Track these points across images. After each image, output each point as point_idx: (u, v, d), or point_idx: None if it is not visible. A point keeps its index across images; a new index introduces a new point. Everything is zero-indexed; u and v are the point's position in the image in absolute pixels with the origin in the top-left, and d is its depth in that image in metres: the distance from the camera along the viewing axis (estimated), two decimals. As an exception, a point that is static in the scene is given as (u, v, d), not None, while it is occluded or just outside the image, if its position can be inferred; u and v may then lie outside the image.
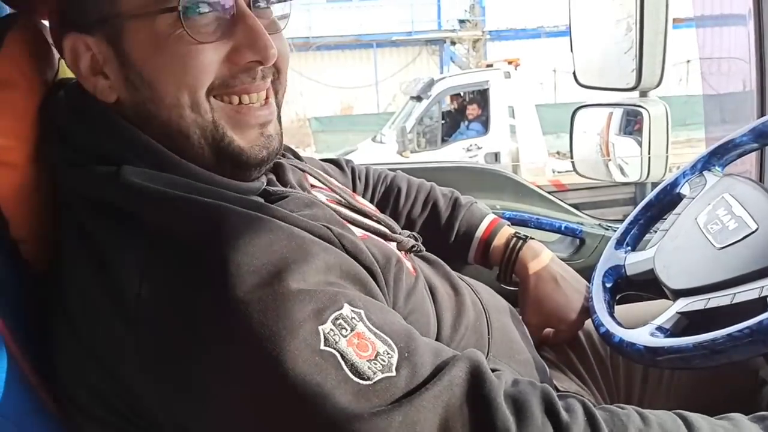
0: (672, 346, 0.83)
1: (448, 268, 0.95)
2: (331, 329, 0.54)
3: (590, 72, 1.69)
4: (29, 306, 0.67)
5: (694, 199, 1.04)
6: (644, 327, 0.90)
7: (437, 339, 0.79)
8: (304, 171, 0.84)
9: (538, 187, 1.48)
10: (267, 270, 0.55)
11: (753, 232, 0.88)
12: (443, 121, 8.97)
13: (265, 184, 0.74)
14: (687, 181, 1.08)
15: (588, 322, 1.03)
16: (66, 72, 0.77)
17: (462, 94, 8.97)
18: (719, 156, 1.07)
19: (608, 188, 6.27)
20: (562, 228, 1.38)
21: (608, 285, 1.04)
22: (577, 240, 1.39)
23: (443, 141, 8.63)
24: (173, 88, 0.65)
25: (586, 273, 1.09)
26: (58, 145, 0.67)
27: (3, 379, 0.60)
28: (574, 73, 1.67)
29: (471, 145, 8.31)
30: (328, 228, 0.67)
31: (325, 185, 0.86)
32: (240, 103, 0.69)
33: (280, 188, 0.75)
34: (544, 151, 8.35)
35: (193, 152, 0.67)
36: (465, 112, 8.88)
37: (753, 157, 1.35)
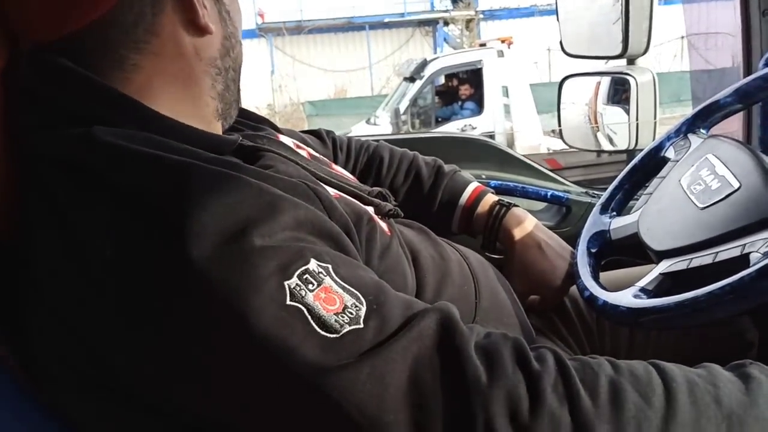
0: (654, 306, 0.83)
1: (433, 234, 0.94)
2: (297, 284, 0.53)
3: (578, 42, 1.68)
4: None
5: (678, 161, 1.03)
6: (628, 289, 0.90)
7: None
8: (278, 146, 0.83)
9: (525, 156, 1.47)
10: (232, 228, 0.54)
11: (735, 191, 0.87)
12: (437, 102, 8.95)
13: (240, 138, 0.73)
14: (671, 144, 1.08)
15: (573, 288, 1.03)
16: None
17: (456, 74, 8.94)
18: (703, 118, 1.07)
19: (603, 166, 6.26)
20: (548, 196, 1.37)
21: (593, 250, 1.04)
22: (564, 208, 1.38)
23: (437, 121, 8.61)
24: (239, 27, 0.77)
25: (573, 241, 1.09)
26: (27, 110, 0.65)
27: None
28: (561, 43, 1.66)
29: (465, 125, 8.30)
30: (303, 183, 0.66)
31: (295, 159, 0.85)
32: None
33: (256, 144, 0.75)
34: (539, 130, 8.33)
35: (231, 90, 0.77)
36: (459, 92, 8.86)
37: (740, 118, 1.35)
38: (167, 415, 0.58)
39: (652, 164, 1.09)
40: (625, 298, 0.88)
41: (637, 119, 1.54)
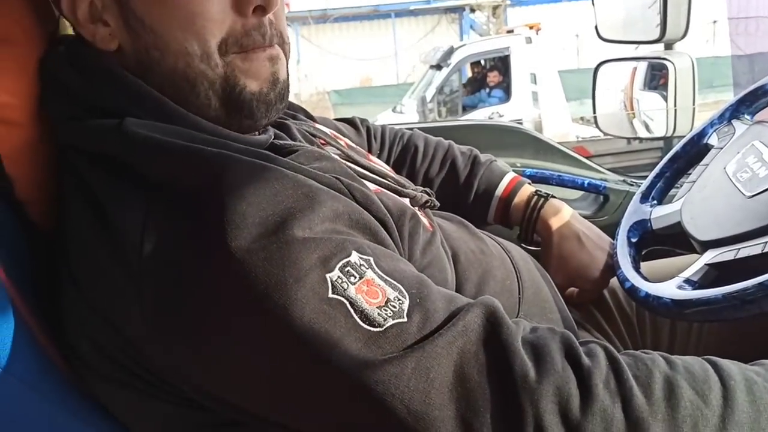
0: (701, 298, 0.80)
1: (473, 227, 0.92)
2: (339, 277, 0.52)
3: (613, 27, 1.65)
4: (37, 268, 0.66)
5: (722, 149, 1.00)
6: (671, 280, 0.87)
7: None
8: (315, 135, 0.82)
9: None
10: (272, 220, 0.53)
11: (785, 179, 0.84)
12: (464, 90, 8.88)
13: (273, 138, 0.72)
14: (715, 130, 1.05)
15: (613, 279, 1.00)
16: (67, 28, 0.75)
17: (482, 61, 8.87)
18: (748, 104, 1.03)
19: (634, 153, 6.18)
20: (585, 184, 1.34)
21: (633, 240, 1.01)
22: (601, 197, 1.35)
23: (464, 109, 8.55)
24: (179, 35, 0.63)
25: (611, 230, 1.06)
26: (59, 100, 0.65)
27: (13, 341, 0.59)
28: (596, 28, 1.63)
29: (493, 113, 8.22)
30: (337, 179, 0.65)
31: (336, 145, 0.84)
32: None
33: (288, 142, 0.73)
34: (568, 117, 8.23)
35: (198, 102, 0.65)
36: (486, 79, 8.78)
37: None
38: (205, 409, 0.58)
39: (694, 151, 1.06)
40: (669, 290, 0.86)
41: (675, 105, 1.50)
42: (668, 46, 1.56)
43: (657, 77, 1.65)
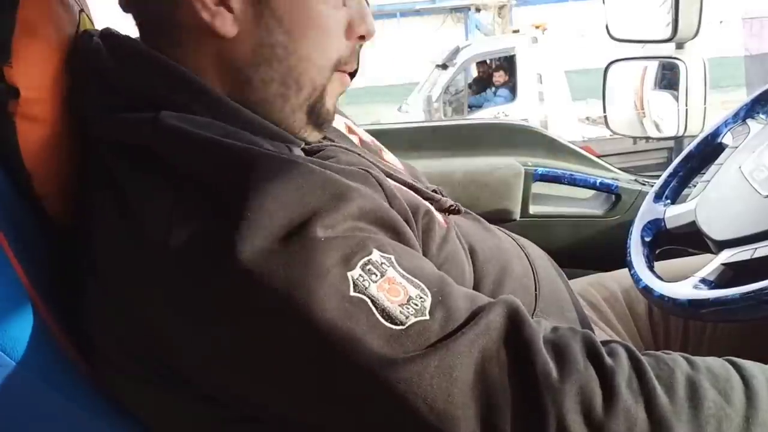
0: (717, 298, 0.80)
1: (489, 225, 0.92)
2: (360, 275, 0.52)
3: (624, 26, 1.64)
4: (53, 261, 0.66)
5: (737, 148, 1.00)
6: (687, 280, 0.87)
7: (479, 292, 0.77)
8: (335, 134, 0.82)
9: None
10: (296, 219, 0.53)
11: (802, 178, 0.84)
12: (470, 89, 8.87)
13: None
14: (729, 130, 1.04)
15: (627, 278, 1.00)
16: (86, 24, 0.75)
17: (488, 61, 8.85)
18: (763, 103, 1.03)
19: (640, 153, 6.16)
20: (597, 184, 1.34)
21: (647, 239, 1.01)
22: (613, 196, 1.35)
23: (470, 109, 8.54)
24: (311, 43, 0.66)
25: (623, 229, 1.05)
26: (95, 92, 0.65)
27: (29, 334, 0.59)
28: (606, 27, 1.62)
29: (498, 113, 8.21)
30: (367, 171, 0.65)
31: (348, 145, 0.83)
32: None
33: (318, 143, 0.74)
34: (574, 117, 8.22)
35: (288, 107, 0.68)
36: (491, 79, 8.77)
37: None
38: (225, 405, 0.58)
39: (708, 150, 1.05)
40: (685, 289, 0.85)
41: (686, 105, 1.50)
42: (679, 46, 1.55)
43: (668, 77, 1.64)
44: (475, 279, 0.79)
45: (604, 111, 1.61)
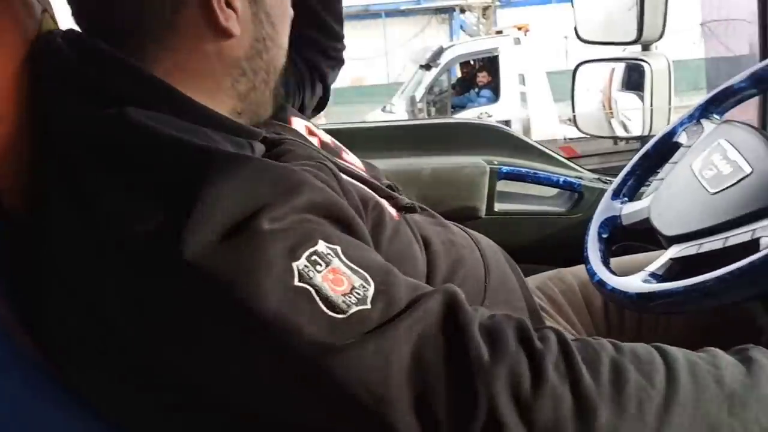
0: (663, 291, 0.83)
1: (441, 218, 0.95)
2: (306, 265, 0.54)
3: (593, 28, 1.67)
4: (10, 255, 0.67)
5: (690, 147, 1.03)
6: (637, 274, 0.90)
7: (429, 283, 0.79)
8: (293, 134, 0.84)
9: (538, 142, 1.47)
10: (244, 213, 0.55)
11: (747, 176, 0.86)
12: (453, 90, 8.91)
13: (265, 132, 0.75)
14: (684, 129, 1.07)
15: (583, 273, 1.03)
16: (49, 25, 0.76)
17: (472, 61, 8.90)
18: (717, 103, 1.06)
19: (621, 153, 6.21)
20: (560, 182, 1.37)
21: (604, 236, 1.04)
22: (576, 194, 1.38)
23: (453, 109, 8.58)
24: (284, 30, 0.77)
25: (585, 226, 1.08)
26: (58, 91, 0.66)
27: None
28: (575, 29, 1.65)
29: (481, 113, 8.26)
30: (323, 164, 0.68)
31: (307, 143, 0.86)
32: None
33: (277, 136, 0.77)
34: (555, 118, 8.28)
35: (266, 90, 0.76)
36: (475, 79, 8.82)
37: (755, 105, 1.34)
38: (178, 392, 0.59)
39: (664, 150, 1.08)
40: (635, 283, 0.88)
41: (651, 105, 1.53)
42: (645, 48, 1.59)
43: (634, 78, 1.67)
44: (428, 270, 0.82)
45: (573, 111, 1.64)
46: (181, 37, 0.68)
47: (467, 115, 8.14)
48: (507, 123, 8.10)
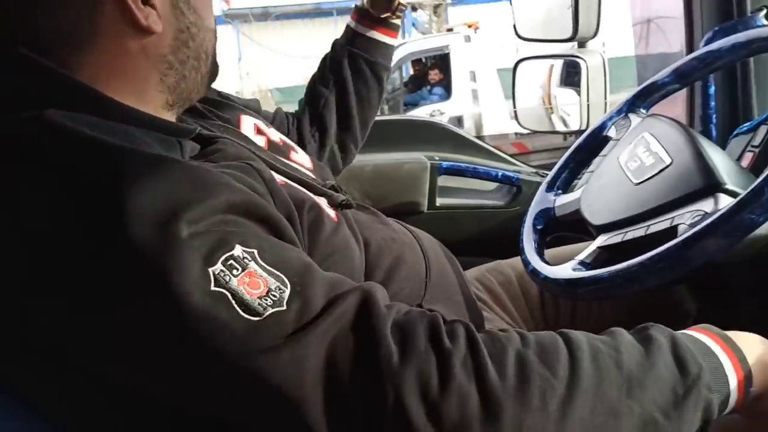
0: (591, 278, 0.87)
1: (384, 217, 0.97)
2: (222, 270, 0.55)
3: (531, 26, 1.71)
4: None
5: (619, 140, 1.07)
6: (568, 263, 0.93)
7: (372, 280, 0.81)
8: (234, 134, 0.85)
9: (477, 137, 1.50)
10: (162, 213, 0.55)
11: (667, 166, 0.91)
12: (406, 87, 8.95)
13: (199, 129, 0.76)
14: (613, 123, 1.11)
15: (521, 264, 1.06)
16: None
17: (423, 59, 8.95)
18: (643, 98, 1.10)
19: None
20: (499, 176, 1.41)
21: (539, 227, 1.08)
22: (514, 187, 1.42)
23: (406, 107, 8.62)
24: (208, 13, 0.77)
25: (523, 219, 1.12)
26: None
27: None
28: (514, 26, 1.69)
29: (434, 111, 8.31)
30: (249, 164, 0.69)
31: (252, 145, 0.87)
32: None
33: (214, 133, 0.78)
34: (506, 114, 8.39)
35: (198, 74, 0.76)
36: (427, 77, 8.87)
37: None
38: (104, 385, 0.60)
39: (595, 143, 1.12)
40: (565, 272, 0.92)
41: (588, 100, 1.58)
42: (581, 45, 1.63)
43: (572, 74, 1.72)
44: (368, 268, 0.83)
45: (514, 106, 1.68)
46: (103, 40, 0.67)
47: (419, 113, 8.18)
48: (459, 120, 8.20)
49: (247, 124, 0.92)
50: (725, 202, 0.81)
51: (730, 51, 1.00)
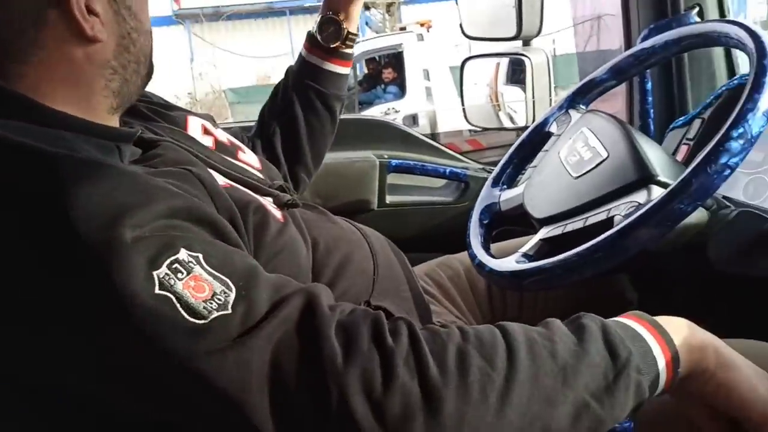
0: (533, 269, 0.89)
1: (332, 215, 0.98)
2: (167, 274, 0.55)
3: (478, 24, 1.74)
4: None
5: (560, 135, 1.10)
6: (512, 255, 0.96)
7: (317, 281, 0.82)
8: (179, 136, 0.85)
9: (426, 136, 1.52)
10: (104, 217, 0.55)
11: (604, 160, 0.94)
12: (360, 86, 8.96)
13: (140, 132, 0.76)
14: (555, 119, 1.15)
15: (467, 258, 1.08)
16: None
17: (377, 58, 8.97)
18: (582, 94, 1.14)
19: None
20: (447, 173, 1.43)
21: (485, 221, 1.10)
22: (462, 184, 1.44)
23: (361, 106, 8.63)
24: (146, 16, 0.77)
25: (470, 214, 1.14)
26: None
27: None
28: (461, 25, 1.71)
29: (389, 109, 8.34)
30: (188, 170, 0.69)
31: (197, 146, 0.87)
32: None
33: (155, 136, 0.78)
34: (460, 111, 8.45)
35: (138, 79, 0.77)
36: (381, 76, 8.89)
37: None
38: (51, 395, 0.60)
39: (537, 139, 1.15)
40: (509, 264, 0.95)
41: (533, 97, 1.61)
42: (526, 43, 1.66)
43: (518, 72, 1.75)
44: (317, 267, 0.84)
45: (462, 104, 1.71)
46: (48, 50, 0.68)
47: (374, 112, 8.21)
48: (414, 118, 8.24)
49: (194, 125, 0.92)
50: (657, 193, 0.85)
51: (663, 48, 1.04)
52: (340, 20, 1.12)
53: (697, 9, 1.30)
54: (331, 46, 1.13)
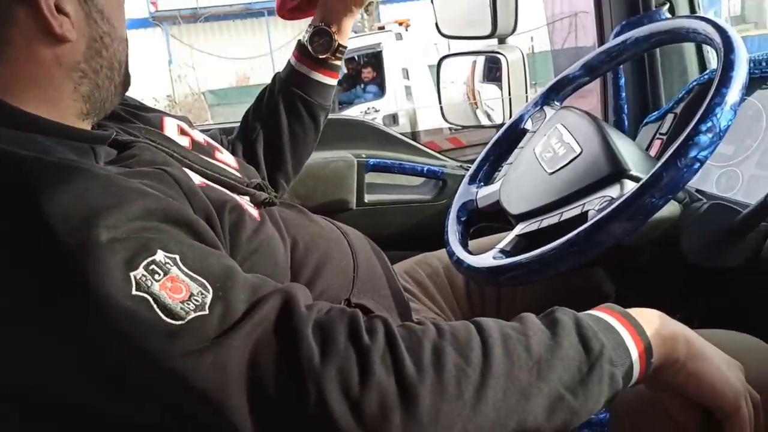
0: (510, 264, 0.90)
1: (311, 214, 0.98)
2: (143, 275, 0.55)
3: (453, 23, 1.75)
4: None
5: (535, 132, 1.11)
6: (489, 252, 0.97)
7: (297, 279, 0.83)
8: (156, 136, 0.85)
9: (403, 134, 1.53)
10: (79, 219, 0.55)
11: (578, 156, 0.96)
12: (339, 86, 8.95)
13: (115, 134, 0.76)
14: (530, 116, 1.16)
15: (445, 255, 1.09)
16: None
17: (356, 57, 8.96)
18: (557, 91, 1.15)
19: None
20: (425, 171, 1.44)
21: (462, 218, 1.11)
22: (440, 181, 1.45)
23: (340, 106, 8.62)
24: (121, 23, 0.77)
25: (449, 212, 1.15)
26: None
27: None
28: (437, 24, 1.72)
29: (368, 108, 8.34)
30: (163, 170, 0.69)
31: (174, 145, 0.87)
32: None
33: (130, 138, 0.78)
34: (439, 110, 8.47)
35: (110, 85, 0.76)
36: (360, 75, 8.89)
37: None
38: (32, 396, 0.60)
39: (513, 136, 1.16)
40: (486, 260, 0.96)
41: (509, 95, 1.62)
42: (501, 41, 1.68)
43: (494, 70, 1.76)
44: (295, 266, 0.85)
45: (440, 103, 1.72)
46: (16, 49, 0.67)
47: (354, 111, 8.20)
48: (394, 117, 8.25)
49: (171, 126, 0.92)
50: (629, 187, 0.86)
51: (633, 44, 1.05)
52: (332, 32, 1.11)
53: (667, 5, 1.32)
54: (321, 57, 1.13)
